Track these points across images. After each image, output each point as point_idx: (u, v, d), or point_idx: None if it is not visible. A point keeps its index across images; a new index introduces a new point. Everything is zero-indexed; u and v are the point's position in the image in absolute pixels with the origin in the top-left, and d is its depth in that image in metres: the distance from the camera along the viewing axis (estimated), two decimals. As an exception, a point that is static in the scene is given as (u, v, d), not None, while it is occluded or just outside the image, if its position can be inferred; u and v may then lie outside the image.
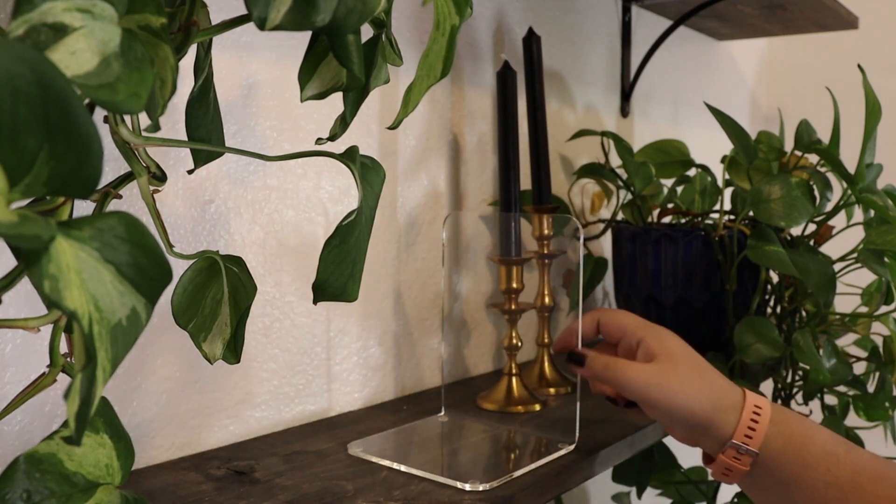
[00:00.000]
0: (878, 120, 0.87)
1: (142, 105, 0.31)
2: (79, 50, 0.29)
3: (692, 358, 0.63)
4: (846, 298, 1.01)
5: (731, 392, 0.62)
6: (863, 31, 1.47)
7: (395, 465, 0.64)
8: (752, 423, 0.60)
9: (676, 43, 1.42)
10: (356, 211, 0.45)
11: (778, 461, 0.59)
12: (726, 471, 0.61)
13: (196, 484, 0.60)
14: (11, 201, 0.25)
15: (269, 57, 0.72)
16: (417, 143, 0.88)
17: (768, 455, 0.60)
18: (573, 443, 0.70)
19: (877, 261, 0.85)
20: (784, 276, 0.97)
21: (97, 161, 0.26)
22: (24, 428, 0.57)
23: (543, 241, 0.89)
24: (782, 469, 0.59)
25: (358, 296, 0.48)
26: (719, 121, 0.92)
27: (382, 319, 0.85)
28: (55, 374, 0.38)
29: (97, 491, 0.39)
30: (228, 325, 0.50)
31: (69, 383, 0.27)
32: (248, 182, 0.71)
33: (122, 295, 0.30)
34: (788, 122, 1.13)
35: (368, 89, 0.48)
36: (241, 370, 0.71)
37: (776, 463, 0.60)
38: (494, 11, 0.99)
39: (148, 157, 0.41)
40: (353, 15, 0.37)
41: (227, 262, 0.49)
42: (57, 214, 0.32)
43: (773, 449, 0.59)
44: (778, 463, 0.60)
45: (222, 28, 0.41)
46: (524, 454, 0.70)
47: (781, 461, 0.59)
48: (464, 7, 0.44)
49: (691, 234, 0.96)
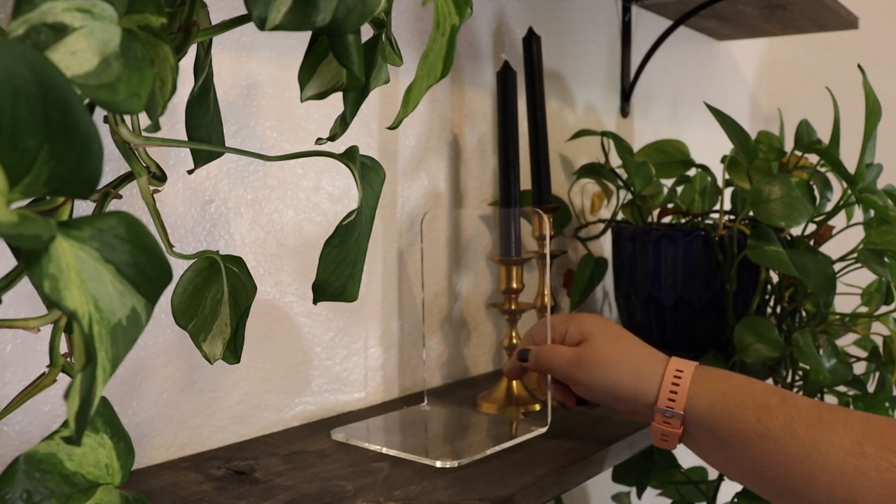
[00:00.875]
0: (878, 120, 0.87)
1: (142, 105, 0.31)
2: (79, 50, 0.29)
3: (611, 333, 0.66)
4: (846, 298, 1.01)
5: (652, 361, 0.64)
6: (863, 31, 1.47)
7: (373, 447, 0.67)
8: (673, 386, 0.61)
9: (676, 43, 1.42)
10: (356, 211, 0.45)
11: (707, 419, 0.60)
12: (663, 437, 0.63)
13: (196, 484, 0.60)
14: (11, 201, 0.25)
15: (269, 57, 0.72)
16: (417, 143, 0.88)
17: (695, 415, 0.60)
18: (545, 425, 0.73)
19: (877, 261, 0.85)
20: (784, 276, 0.97)
21: (97, 161, 0.26)
22: (24, 428, 0.57)
23: (543, 241, 0.89)
24: (713, 426, 0.60)
25: (358, 296, 0.48)
26: (719, 121, 0.92)
27: (382, 319, 0.85)
28: (55, 374, 0.38)
29: (97, 491, 0.39)
30: (228, 325, 0.50)
31: (69, 383, 0.27)
32: (248, 182, 0.71)
33: (122, 295, 0.30)
34: (788, 122, 1.13)
35: (368, 89, 0.48)
36: (241, 370, 0.71)
37: (705, 420, 0.60)
38: (494, 11, 0.99)
39: (148, 157, 0.41)
40: (353, 15, 0.37)
41: (227, 262, 0.49)
42: (57, 214, 0.32)
43: (698, 408, 0.60)
44: (707, 420, 0.60)
45: (222, 28, 0.41)
46: (496, 436, 0.73)
47: (710, 418, 0.60)
48: (464, 7, 0.44)
49: (691, 234, 0.96)
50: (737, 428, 0.59)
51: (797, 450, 0.56)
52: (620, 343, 0.66)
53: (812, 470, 0.55)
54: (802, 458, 0.56)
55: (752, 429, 0.58)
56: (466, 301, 0.96)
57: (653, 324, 1.01)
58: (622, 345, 0.65)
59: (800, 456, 0.56)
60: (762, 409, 0.58)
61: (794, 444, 0.56)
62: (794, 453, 0.56)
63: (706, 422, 0.60)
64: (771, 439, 0.57)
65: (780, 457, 0.57)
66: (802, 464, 0.56)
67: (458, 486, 0.60)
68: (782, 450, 0.57)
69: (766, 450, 0.57)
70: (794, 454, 0.56)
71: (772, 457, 0.57)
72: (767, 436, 0.57)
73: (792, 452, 0.56)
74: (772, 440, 0.57)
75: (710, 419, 0.60)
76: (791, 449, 0.56)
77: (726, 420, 0.59)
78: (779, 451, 0.57)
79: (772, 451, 0.57)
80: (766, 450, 0.57)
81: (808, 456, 0.55)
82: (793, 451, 0.56)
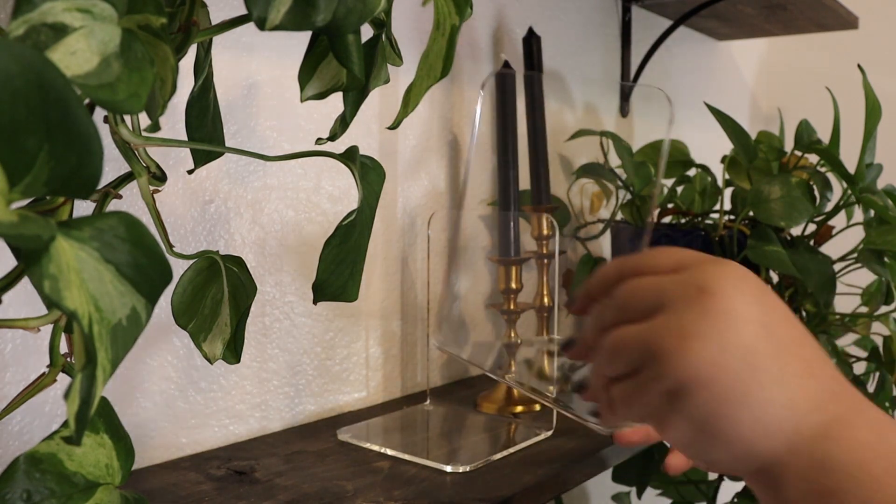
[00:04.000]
0: (878, 120, 0.87)
1: (142, 105, 0.31)
2: (79, 50, 0.29)
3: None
4: (846, 298, 1.01)
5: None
6: (863, 31, 1.47)
7: (383, 450, 0.67)
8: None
9: (676, 43, 1.42)
10: (356, 211, 0.45)
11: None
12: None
13: (196, 484, 0.60)
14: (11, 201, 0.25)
15: (269, 57, 0.72)
16: (417, 143, 0.88)
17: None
18: (551, 429, 0.72)
19: (877, 261, 0.85)
20: (784, 276, 0.97)
21: (97, 161, 0.26)
22: (24, 428, 0.57)
23: (542, 241, 0.89)
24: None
25: (358, 296, 0.48)
26: (719, 121, 0.92)
27: (383, 319, 0.84)
28: (55, 374, 0.38)
29: (97, 491, 0.39)
30: (228, 325, 0.50)
31: (69, 383, 0.27)
32: (248, 182, 0.71)
33: (122, 295, 0.29)
34: (788, 122, 1.13)
35: (368, 89, 0.48)
36: (240, 370, 0.71)
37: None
38: (494, 11, 0.99)
39: (148, 157, 0.41)
40: (353, 15, 0.37)
41: (228, 262, 0.49)
42: (57, 214, 0.32)
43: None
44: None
45: (222, 28, 0.41)
46: (502, 439, 0.72)
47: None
48: (464, 7, 0.44)
49: (691, 234, 0.96)
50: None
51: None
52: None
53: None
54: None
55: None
56: (466, 301, 0.96)
57: (653, 324, 1.01)
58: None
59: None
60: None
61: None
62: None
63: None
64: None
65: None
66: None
67: (459, 485, 0.60)
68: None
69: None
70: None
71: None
72: None
73: None
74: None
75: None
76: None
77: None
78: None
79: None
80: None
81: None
82: None
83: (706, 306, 0.36)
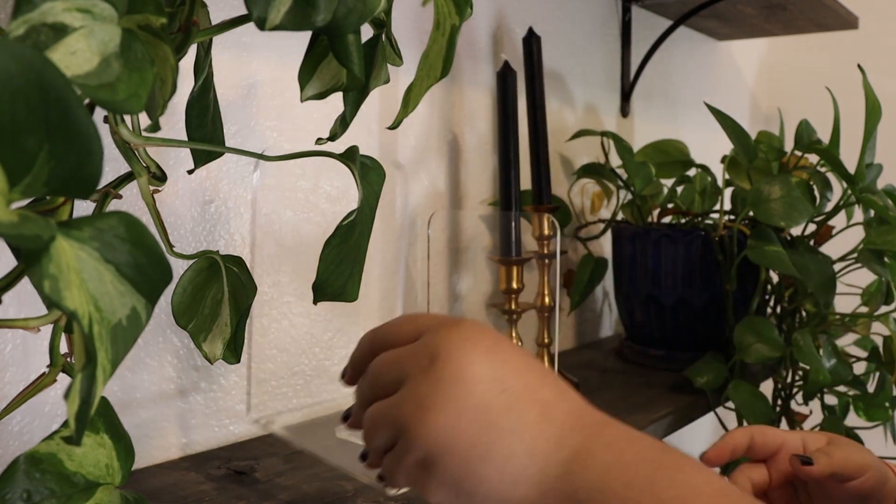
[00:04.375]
0: (878, 120, 0.87)
1: (142, 105, 0.31)
2: (79, 50, 0.29)
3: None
4: (846, 298, 1.01)
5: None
6: (863, 31, 1.47)
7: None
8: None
9: (676, 43, 1.42)
10: (356, 211, 0.45)
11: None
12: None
13: (196, 484, 0.60)
14: (11, 201, 0.25)
15: (269, 57, 0.72)
16: (417, 143, 0.88)
17: None
18: None
19: (877, 261, 0.85)
20: (784, 276, 0.97)
21: (97, 161, 0.26)
22: (24, 428, 0.57)
23: (543, 241, 0.89)
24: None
25: (358, 296, 0.48)
26: (719, 121, 0.92)
27: (382, 319, 0.84)
28: (55, 374, 0.38)
29: (97, 491, 0.39)
30: (228, 325, 0.50)
31: (69, 383, 0.27)
32: (247, 182, 0.71)
33: (122, 295, 0.29)
34: (788, 122, 1.13)
35: (368, 89, 0.48)
36: (240, 370, 0.71)
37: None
38: (494, 11, 0.99)
39: (148, 157, 0.41)
40: (353, 15, 0.37)
41: (228, 262, 0.49)
42: (57, 214, 0.32)
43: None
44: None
45: (222, 28, 0.41)
46: None
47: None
48: (464, 7, 0.44)
49: (691, 234, 0.96)
50: None
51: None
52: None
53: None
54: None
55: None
56: (466, 301, 0.96)
57: (653, 324, 1.01)
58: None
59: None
60: None
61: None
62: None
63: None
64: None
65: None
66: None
67: (458, 486, 0.60)
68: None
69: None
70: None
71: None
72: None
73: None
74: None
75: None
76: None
77: None
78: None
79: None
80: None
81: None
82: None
83: (438, 375, 0.39)
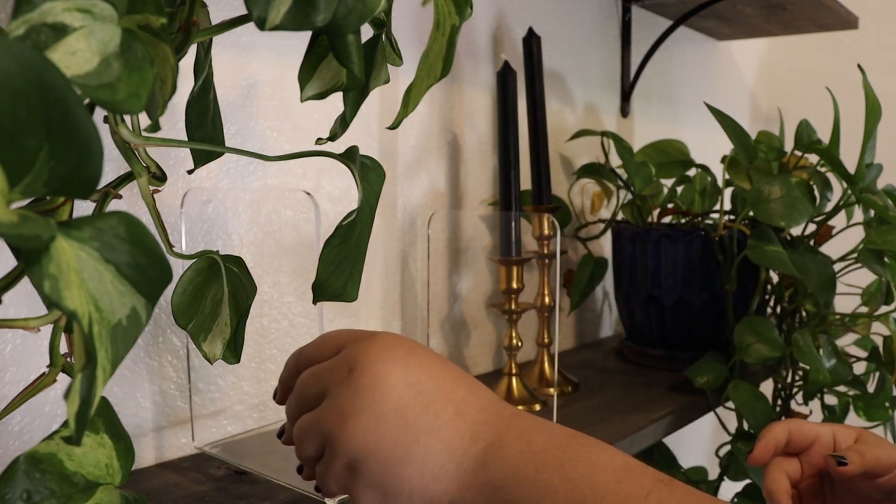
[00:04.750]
0: (878, 120, 0.87)
1: (142, 105, 0.31)
2: (79, 50, 0.29)
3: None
4: (846, 298, 1.01)
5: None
6: (863, 31, 1.47)
7: None
8: None
9: (676, 43, 1.42)
10: (356, 211, 0.45)
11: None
12: None
13: (196, 484, 0.60)
14: (11, 201, 0.25)
15: (269, 57, 0.72)
16: (417, 143, 0.88)
17: None
18: None
19: (877, 261, 0.85)
20: (784, 276, 0.97)
21: (97, 161, 0.26)
22: (24, 428, 0.57)
23: (543, 241, 0.89)
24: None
25: (358, 296, 0.48)
26: (719, 121, 0.92)
27: (382, 319, 0.84)
28: (55, 374, 0.38)
29: (97, 491, 0.39)
30: (228, 325, 0.50)
31: (69, 383, 0.27)
32: (247, 182, 0.71)
33: (122, 295, 0.29)
34: (788, 122, 1.13)
35: (368, 89, 0.48)
36: (240, 370, 0.71)
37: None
38: (494, 11, 0.99)
39: (148, 157, 0.41)
40: (353, 15, 0.37)
41: (227, 262, 0.49)
42: (57, 214, 0.32)
43: None
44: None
45: (222, 28, 0.41)
46: None
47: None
48: (464, 7, 0.44)
49: (691, 234, 0.96)
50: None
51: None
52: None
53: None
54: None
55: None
56: (466, 301, 0.96)
57: (653, 324, 1.01)
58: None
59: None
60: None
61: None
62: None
63: None
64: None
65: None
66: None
67: (458, 486, 0.60)
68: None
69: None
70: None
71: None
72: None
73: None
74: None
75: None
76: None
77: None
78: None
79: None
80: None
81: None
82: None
83: (356, 385, 0.42)
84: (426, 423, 0.41)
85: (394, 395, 0.41)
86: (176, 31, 0.39)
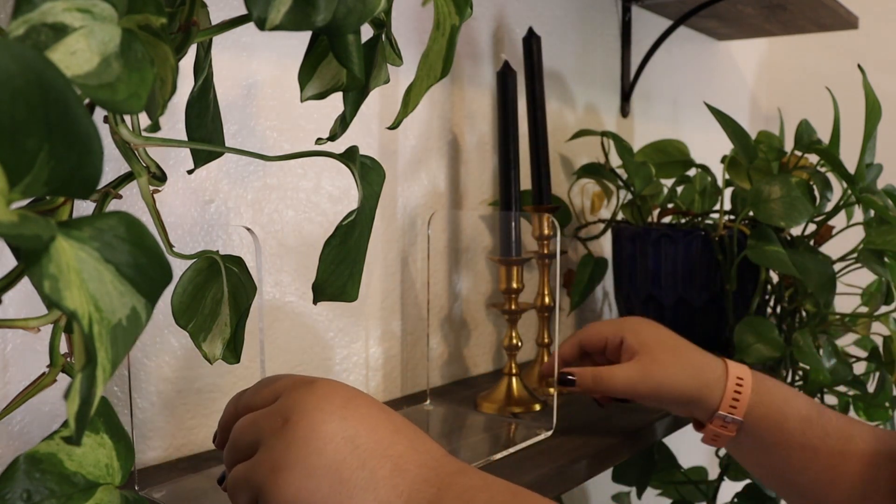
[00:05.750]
0: (878, 120, 0.87)
1: (142, 105, 0.31)
2: (79, 50, 0.29)
3: (669, 341, 0.68)
4: (846, 298, 1.01)
5: (713, 366, 0.67)
6: (863, 31, 1.47)
7: None
8: (735, 394, 0.65)
9: (676, 43, 1.42)
10: (356, 211, 0.45)
11: (759, 427, 0.65)
12: (714, 437, 0.67)
13: (196, 484, 0.60)
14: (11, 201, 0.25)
15: (269, 57, 0.72)
16: (417, 143, 0.88)
17: (751, 422, 0.65)
18: (550, 429, 0.72)
19: (877, 261, 0.85)
20: (784, 276, 0.97)
21: (97, 161, 0.26)
22: (24, 428, 0.57)
23: (543, 241, 0.89)
24: (763, 434, 0.65)
25: (358, 296, 0.48)
26: (719, 121, 0.92)
27: (383, 319, 0.85)
28: (55, 374, 0.38)
29: (97, 491, 0.39)
30: (228, 325, 0.50)
31: (69, 383, 0.27)
32: (247, 182, 0.71)
33: (122, 295, 0.29)
34: (788, 122, 1.13)
35: (368, 89, 0.48)
36: (239, 370, 0.71)
37: (758, 428, 0.65)
38: (494, 11, 0.99)
39: (148, 157, 0.41)
40: (353, 15, 0.37)
41: (227, 262, 0.49)
42: (57, 214, 0.32)
43: (754, 416, 0.65)
44: (759, 428, 0.65)
45: (222, 28, 0.41)
46: (502, 439, 0.72)
47: (762, 427, 0.64)
48: (464, 7, 0.44)
49: (691, 234, 0.96)
50: (784, 438, 0.64)
51: (828, 461, 0.62)
52: (681, 352, 0.68)
53: (835, 478, 0.62)
54: (830, 468, 0.62)
55: (797, 440, 0.63)
56: (466, 301, 0.96)
57: (653, 324, 1.01)
58: (684, 353, 0.68)
59: (829, 465, 0.62)
60: (805, 421, 0.64)
61: (827, 456, 0.63)
62: (826, 463, 0.62)
63: (758, 430, 0.65)
64: (811, 450, 0.63)
65: (814, 464, 0.63)
66: (830, 472, 0.62)
67: (458, 486, 0.60)
68: (817, 459, 0.63)
69: (803, 458, 0.64)
70: (825, 464, 0.62)
71: (806, 464, 0.63)
72: (808, 447, 0.63)
73: (824, 462, 0.62)
74: (811, 451, 0.63)
75: (763, 428, 0.65)
76: (824, 460, 0.63)
77: (777, 430, 0.64)
78: (814, 460, 0.63)
79: (808, 459, 0.63)
80: (804, 458, 0.64)
81: (834, 466, 0.62)
82: (825, 462, 0.62)
83: (290, 436, 0.40)
84: (362, 480, 0.39)
85: (329, 449, 0.39)
86: (176, 31, 0.39)
